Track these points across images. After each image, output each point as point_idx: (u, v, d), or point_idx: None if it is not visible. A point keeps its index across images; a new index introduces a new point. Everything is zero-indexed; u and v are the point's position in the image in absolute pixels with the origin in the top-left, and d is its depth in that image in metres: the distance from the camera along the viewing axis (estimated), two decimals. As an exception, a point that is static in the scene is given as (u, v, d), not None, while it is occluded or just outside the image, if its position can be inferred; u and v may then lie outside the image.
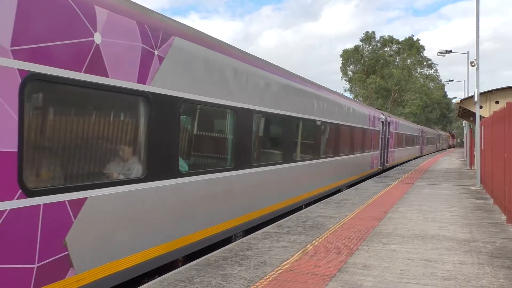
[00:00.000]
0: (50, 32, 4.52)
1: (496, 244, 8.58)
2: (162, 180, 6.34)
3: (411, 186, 18.60)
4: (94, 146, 5.35)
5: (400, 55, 78.95)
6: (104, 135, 5.48)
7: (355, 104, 20.17)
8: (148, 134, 6.06)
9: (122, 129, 5.82)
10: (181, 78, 6.75)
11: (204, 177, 7.52)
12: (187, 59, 6.91)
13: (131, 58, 5.66)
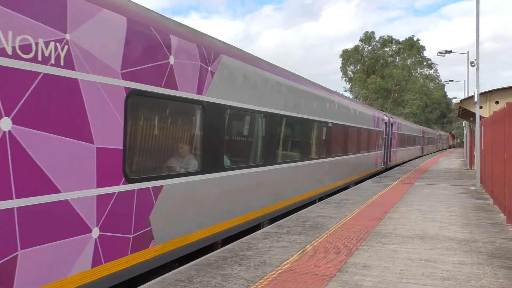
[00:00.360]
0: (143, 58, 5.89)
1: (496, 244, 8.58)
2: (213, 173, 7.79)
3: (411, 186, 18.60)
4: (169, 144, 6.80)
5: (400, 55, 78.98)
6: (175, 136, 7.01)
7: (361, 107, 21.28)
8: (203, 135, 7.50)
9: (187, 132, 7.33)
10: (226, 89, 8.13)
11: (241, 171, 8.91)
12: (230, 73, 8.29)
13: (192, 74, 7.05)
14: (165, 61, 6.35)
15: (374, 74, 74.89)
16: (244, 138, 9.54)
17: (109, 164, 5.41)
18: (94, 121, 5.14)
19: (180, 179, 6.85)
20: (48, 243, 4.62)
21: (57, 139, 4.68)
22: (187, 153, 7.30)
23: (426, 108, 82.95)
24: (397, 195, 15.59)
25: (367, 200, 14.18)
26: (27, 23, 4.29)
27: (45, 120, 4.53)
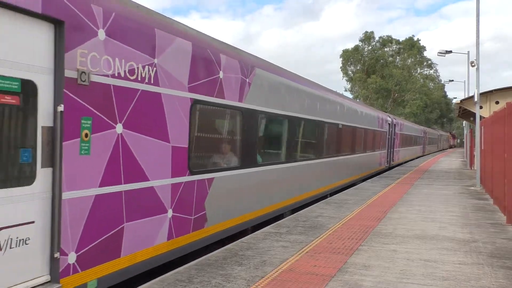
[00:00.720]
0: (202, 74, 7.35)
1: (496, 244, 8.58)
2: (249, 168, 9.24)
3: (411, 186, 18.60)
4: (218, 143, 8.31)
5: (400, 55, 78.98)
6: (223, 137, 8.43)
7: (367, 108, 22.56)
8: (242, 136, 8.92)
9: (230, 133, 8.73)
10: (259, 97, 9.54)
11: (269, 167, 10.32)
12: (262, 83, 9.69)
13: (235, 85, 8.48)
14: (216, 75, 7.85)
15: (374, 74, 74.87)
16: (271, 138, 10.90)
17: (179, 159, 6.85)
18: (170, 125, 6.61)
19: (226, 173, 8.31)
20: (141, 219, 6.04)
21: (147, 139, 6.12)
22: (230, 151, 8.74)
23: (426, 108, 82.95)
24: (397, 195, 15.59)
25: (367, 200, 14.18)
26: (132, 53, 5.77)
27: (140, 125, 5.97)
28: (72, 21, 4.85)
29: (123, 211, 5.70)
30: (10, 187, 4.36)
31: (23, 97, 4.48)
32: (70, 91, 4.86)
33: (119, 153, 5.59)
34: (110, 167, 5.47)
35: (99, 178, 5.31)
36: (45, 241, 4.76)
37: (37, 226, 4.65)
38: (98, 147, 5.28)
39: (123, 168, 5.65)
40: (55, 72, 4.79)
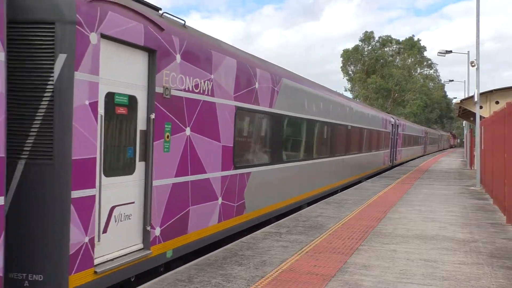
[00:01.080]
0: (243, 85, 8.84)
1: (495, 244, 8.58)
2: (276, 165, 10.69)
3: (411, 186, 18.61)
4: (253, 143, 9.79)
5: (400, 55, 78.95)
6: (257, 137, 10.02)
7: (372, 110, 24.24)
8: (271, 137, 10.45)
9: (263, 134, 10.23)
10: (284, 102, 10.98)
11: (291, 164, 11.71)
12: (286, 90, 11.10)
13: (267, 93, 9.97)
14: (253, 86, 9.31)
15: (374, 74, 74.85)
16: (292, 139, 12.13)
17: (227, 156, 8.31)
18: (221, 128, 8.08)
19: (259, 168, 9.78)
20: (201, 204, 7.49)
21: (205, 139, 7.61)
22: (262, 149, 10.21)
23: (426, 108, 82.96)
24: (397, 195, 15.60)
25: (367, 200, 14.18)
26: (197, 71, 7.27)
27: (201, 128, 7.44)
28: (161, 50, 6.37)
29: (189, 197, 7.22)
30: (121, 175, 5.85)
31: (129, 108, 5.93)
32: (158, 102, 6.36)
33: (187, 150, 7.14)
34: (181, 162, 6.98)
35: (174, 170, 6.82)
36: (140, 217, 6.23)
37: (135, 205, 6.12)
38: (174, 146, 6.79)
39: (190, 163, 7.20)
40: (149, 89, 6.28)
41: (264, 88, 9.80)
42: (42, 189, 4.98)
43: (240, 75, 8.68)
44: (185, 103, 6.98)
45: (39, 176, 4.98)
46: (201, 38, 7.65)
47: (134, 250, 6.06)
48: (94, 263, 5.31)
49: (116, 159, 5.78)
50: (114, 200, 5.69)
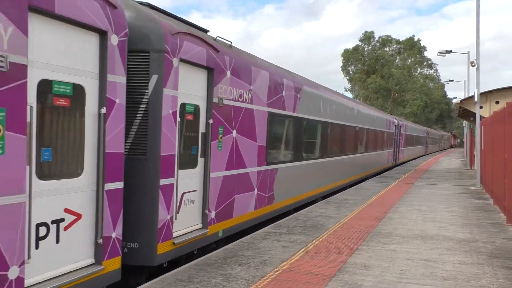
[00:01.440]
0: (273, 94, 10.35)
1: (496, 244, 8.58)
2: (298, 162, 12.29)
3: (411, 186, 18.60)
4: (280, 142, 11.25)
5: (400, 55, 78.92)
6: (282, 138, 11.38)
7: (377, 112, 26.06)
8: (294, 137, 12.00)
9: (288, 135, 11.70)
10: (304, 107, 12.53)
11: (308, 162, 13.18)
12: (306, 97, 12.61)
13: (291, 100, 11.50)
14: (281, 94, 10.87)
15: (374, 74, 74.81)
16: (310, 139, 13.45)
17: (261, 154, 9.85)
18: (257, 130, 9.62)
19: (285, 164, 11.36)
20: (242, 194, 9.01)
21: (246, 140, 9.12)
22: (287, 148, 11.70)
23: (426, 108, 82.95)
24: (397, 195, 15.60)
25: (367, 200, 14.18)
26: (241, 83, 8.82)
27: (243, 130, 8.97)
28: (217, 68, 7.88)
29: (234, 188, 8.74)
30: (188, 169, 7.33)
31: (194, 115, 7.50)
32: (214, 110, 7.88)
33: (234, 149, 8.62)
34: (229, 158, 8.48)
35: (225, 165, 8.33)
36: (200, 202, 7.69)
37: (197, 193, 7.60)
38: (225, 145, 8.30)
39: (235, 159, 8.69)
40: (207, 99, 7.78)
41: (289, 95, 11.40)
42: (138, 178, 6.37)
43: (271, 85, 10.30)
44: (233, 110, 8.57)
45: (137, 168, 6.38)
46: (243, 56, 9.26)
47: (196, 228, 7.60)
48: (173, 236, 6.82)
49: (185, 156, 7.34)
50: (184, 188, 7.22)
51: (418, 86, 76.64)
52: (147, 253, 6.37)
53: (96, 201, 5.41)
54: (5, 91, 4.19)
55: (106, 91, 5.43)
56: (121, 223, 5.71)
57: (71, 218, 5.09)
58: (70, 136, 5.10)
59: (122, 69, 5.66)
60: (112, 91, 5.53)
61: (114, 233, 5.64)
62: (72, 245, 5.12)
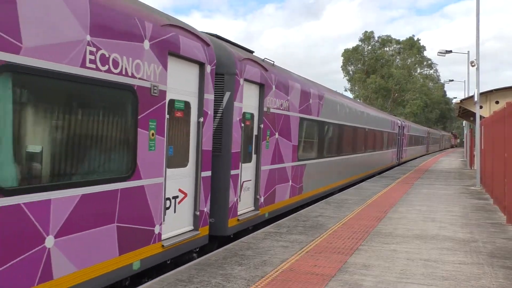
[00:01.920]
0: (303, 102, 12.37)
1: (496, 244, 8.58)
2: (320, 159, 14.36)
3: (411, 186, 18.61)
4: (308, 142, 13.09)
5: (400, 55, 78.89)
6: (309, 138, 13.30)
7: (383, 114, 28.51)
8: (318, 138, 14.04)
9: (314, 136, 13.69)
10: (326, 112, 14.64)
11: (329, 159, 15.44)
12: (327, 103, 14.76)
13: (316, 106, 13.54)
14: (309, 102, 12.91)
15: (374, 74, 74.80)
16: (330, 139, 15.53)
17: (294, 152, 11.89)
18: (292, 132, 11.63)
19: (311, 161, 13.41)
20: (281, 184, 11.00)
21: (285, 140, 11.13)
22: (312, 147, 13.69)
23: (426, 108, 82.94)
24: (397, 195, 15.60)
25: (367, 200, 14.18)
26: (282, 95, 10.83)
27: (283, 132, 10.99)
28: (266, 83, 9.99)
29: (276, 179, 10.75)
30: (247, 163, 9.36)
31: (250, 121, 9.44)
32: (264, 117, 9.89)
33: (276, 148, 10.68)
34: (273, 155, 10.55)
35: (270, 160, 10.40)
36: (253, 189, 9.76)
37: (251, 182, 9.66)
38: (270, 144, 10.36)
39: (277, 156, 10.77)
40: (259, 108, 9.83)
41: (314, 102, 13.45)
42: (216, 169, 8.33)
43: (302, 95, 12.34)
44: (276, 117, 10.62)
45: (216, 162, 8.29)
46: (282, 72, 11.46)
47: (250, 210, 9.62)
48: (237, 214, 8.85)
49: (245, 153, 9.29)
50: (243, 178, 9.23)
51: (417, 86, 76.63)
52: (222, 226, 8.41)
53: (195, 184, 7.42)
54: (156, 108, 6.25)
55: (203, 106, 7.47)
56: (209, 201, 7.82)
57: (181, 196, 7.11)
58: (182, 138, 7.10)
59: (212, 89, 7.77)
60: (206, 105, 7.56)
61: (205, 208, 7.69)
62: (181, 215, 7.11)
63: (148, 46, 6.10)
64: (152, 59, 6.19)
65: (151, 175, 6.17)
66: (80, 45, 4.93)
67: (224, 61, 8.48)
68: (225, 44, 8.81)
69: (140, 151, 5.96)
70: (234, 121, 8.51)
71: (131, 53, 5.76)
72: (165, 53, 6.42)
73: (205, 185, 7.60)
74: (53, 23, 4.59)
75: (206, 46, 7.57)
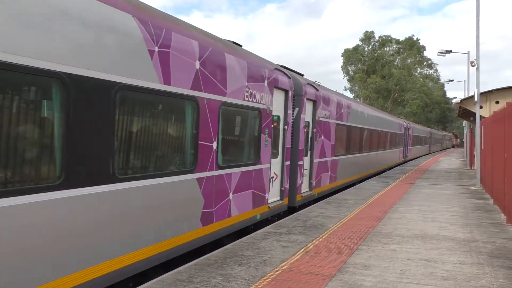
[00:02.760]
0: (338, 111, 16.49)
1: (496, 244, 8.58)
2: (347, 155, 17.95)
3: (411, 186, 18.60)
4: (341, 142, 17.02)
5: (400, 55, 78.88)
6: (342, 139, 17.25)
7: (391, 117, 32.94)
8: (346, 139, 17.82)
9: (344, 137, 17.57)
10: (352, 118, 18.34)
11: (353, 155, 19.28)
12: (352, 111, 18.51)
13: (346, 114, 17.59)
14: (341, 111, 16.73)
15: (374, 74, 74.80)
16: (354, 140, 19.23)
17: (332, 150, 15.67)
18: (331, 134, 15.46)
19: (342, 157, 17.17)
20: (324, 173, 14.97)
21: (327, 141, 15.01)
22: (343, 145, 17.26)
23: (426, 108, 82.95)
24: (397, 195, 15.59)
25: (367, 200, 14.18)
26: (326, 108, 14.79)
27: (326, 135, 14.91)
28: (317, 100, 13.63)
29: (321, 169, 14.44)
30: (306, 156, 13.11)
31: (308, 127, 13.16)
32: (316, 124, 13.56)
33: (322, 146, 14.28)
34: (320, 152, 14.19)
35: (318, 155, 14.05)
36: (308, 176, 13.48)
37: (307, 171, 13.34)
38: (319, 144, 13.98)
39: (321, 152, 14.32)
40: (312, 118, 13.53)
41: (344, 111, 17.29)
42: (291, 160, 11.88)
43: (338, 106, 16.22)
44: (322, 124, 14.33)
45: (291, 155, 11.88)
46: (325, 90, 15.18)
47: (307, 190, 13.41)
48: (301, 192, 12.68)
49: (304, 149, 12.82)
50: (304, 167, 12.82)
51: (417, 86, 76.64)
52: (293, 199, 12.18)
53: (281, 169, 11.21)
54: (268, 121, 10.06)
55: (287, 118, 11.29)
56: (288, 181, 11.76)
57: (275, 177, 10.90)
58: (276, 139, 10.82)
59: (291, 107, 11.61)
60: (288, 117, 11.38)
61: (287, 186, 11.59)
62: (275, 189, 10.91)
63: (266, 84, 9.98)
64: (267, 91, 10.02)
65: (265, 162, 10.08)
66: (244, 88, 8.88)
67: (296, 87, 12.10)
68: (294, 74, 12.69)
69: (262, 147, 9.84)
70: (300, 127, 12.28)
71: (259, 89, 9.60)
72: (272, 87, 10.38)
73: (287, 171, 11.53)
74: (237, 78, 8.58)
75: (289, 78, 11.62)
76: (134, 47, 5.75)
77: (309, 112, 13.22)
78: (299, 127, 12.07)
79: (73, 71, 4.80)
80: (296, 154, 12.00)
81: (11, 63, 4.15)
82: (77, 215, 4.93)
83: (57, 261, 4.71)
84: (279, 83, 10.67)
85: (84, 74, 4.95)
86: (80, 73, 4.89)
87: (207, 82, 7.53)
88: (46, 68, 4.50)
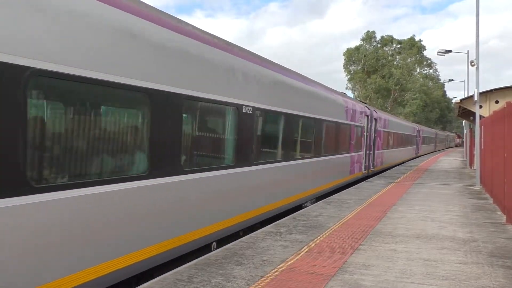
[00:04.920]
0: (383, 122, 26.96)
1: (495, 244, 8.58)
2: (386, 150, 28.40)
3: (411, 186, 18.61)
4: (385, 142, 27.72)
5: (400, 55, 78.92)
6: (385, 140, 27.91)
7: (408, 123, 42.78)
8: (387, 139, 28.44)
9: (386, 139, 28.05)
10: (390, 126, 28.98)
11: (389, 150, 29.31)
12: (390, 121, 29.16)
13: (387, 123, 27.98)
14: (386, 122, 27.32)
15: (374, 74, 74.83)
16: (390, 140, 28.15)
17: (381, 146, 26.24)
18: (382, 137, 26.46)
19: (386, 150, 27.81)
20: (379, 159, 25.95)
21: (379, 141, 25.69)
22: (384, 144, 26.77)
23: (425, 108, 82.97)
24: (397, 195, 15.60)
25: (367, 200, 14.18)
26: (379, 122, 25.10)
27: (380, 137, 25.60)
28: (377, 118, 24.39)
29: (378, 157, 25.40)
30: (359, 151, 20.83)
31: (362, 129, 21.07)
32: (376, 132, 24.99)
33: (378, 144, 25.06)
34: (377, 147, 24.64)
35: (376, 149, 24.51)
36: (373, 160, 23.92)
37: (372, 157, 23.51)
38: (377, 142, 24.60)
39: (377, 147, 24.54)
40: (375, 128, 23.74)
41: (386, 122, 25.74)
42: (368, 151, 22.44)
43: (384, 121, 25.40)
44: (378, 131, 24.03)
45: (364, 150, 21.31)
46: (378, 110, 25.05)
47: (372, 168, 23.39)
48: (371, 168, 23.30)
49: (372, 145, 22.94)
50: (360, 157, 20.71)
51: (417, 85, 76.66)
52: (367, 171, 22.14)
53: (364, 156, 21.12)
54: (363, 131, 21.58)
55: (367, 128, 21.15)
56: (366, 163, 21.67)
57: (362, 160, 20.91)
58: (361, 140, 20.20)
59: (369, 122, 21.41)
60: (367, 128, 20.95)
61: (366, 164, 21.73)
62: (361, 166, 20.92)
63: (363, 115, 20.63)
64: (364, 118, 20.55)
65: (362, 151, 20.40)
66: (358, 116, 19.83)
67: (370, 112, 21.73)
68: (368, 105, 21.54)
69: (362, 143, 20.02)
70: (372, 135, 21.08)
71: (360, 116, 19.94)
72: (364, 115, 20.75)
73: (365, 157, 19.90)
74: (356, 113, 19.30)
75: (368, 108, 21.20)
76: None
77: (373, 125, 22.84)
78: (372, 134, 22.38)
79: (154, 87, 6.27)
80: (370, 148, 22.20)
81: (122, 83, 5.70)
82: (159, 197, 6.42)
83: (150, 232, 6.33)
84: (365, 112, 21.11)
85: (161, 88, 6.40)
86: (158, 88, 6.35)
87: (350, 115, 18.17)
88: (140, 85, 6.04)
